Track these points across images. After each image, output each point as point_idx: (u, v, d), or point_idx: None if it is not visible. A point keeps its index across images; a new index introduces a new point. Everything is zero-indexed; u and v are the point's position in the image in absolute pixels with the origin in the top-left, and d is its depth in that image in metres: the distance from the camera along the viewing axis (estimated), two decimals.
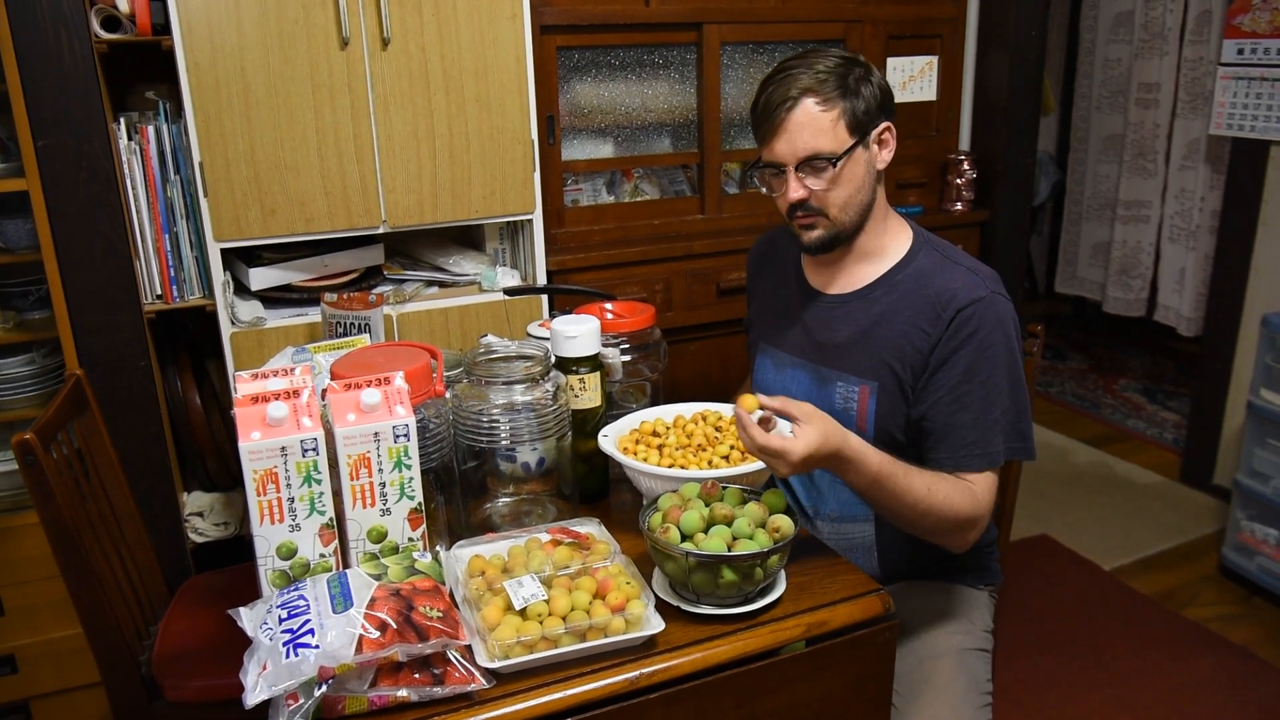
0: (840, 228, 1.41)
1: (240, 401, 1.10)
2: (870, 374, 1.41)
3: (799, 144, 1.35)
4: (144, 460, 2.01)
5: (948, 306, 1.35)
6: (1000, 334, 1.34)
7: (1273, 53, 2.77)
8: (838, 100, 1.35)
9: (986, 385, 1.33)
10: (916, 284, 1.41)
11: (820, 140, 1.35)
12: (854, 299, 1.46)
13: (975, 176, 2.91)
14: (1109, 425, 3.76)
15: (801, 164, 1.36)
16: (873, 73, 1.39)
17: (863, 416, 1.42)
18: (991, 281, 1.38)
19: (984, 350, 1.33)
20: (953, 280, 1.38)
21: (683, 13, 2.47)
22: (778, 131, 1.36)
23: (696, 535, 1.16)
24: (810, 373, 1.50)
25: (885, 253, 1.46)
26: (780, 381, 1.55)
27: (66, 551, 1.37)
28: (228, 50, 1.82)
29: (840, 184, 1.37)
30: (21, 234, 1.95)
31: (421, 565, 1.10)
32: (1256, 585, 2.58)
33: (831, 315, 1.48)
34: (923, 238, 1.47)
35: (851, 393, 1.43)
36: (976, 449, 1.33)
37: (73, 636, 1.99)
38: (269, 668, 0.96)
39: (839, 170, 1.36)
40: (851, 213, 1.40)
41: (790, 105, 1.35)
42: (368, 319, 1.79)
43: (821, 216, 1.40)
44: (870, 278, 1.45)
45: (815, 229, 1.41)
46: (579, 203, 2.57)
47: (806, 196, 1.38)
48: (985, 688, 1.41)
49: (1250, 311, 2.88)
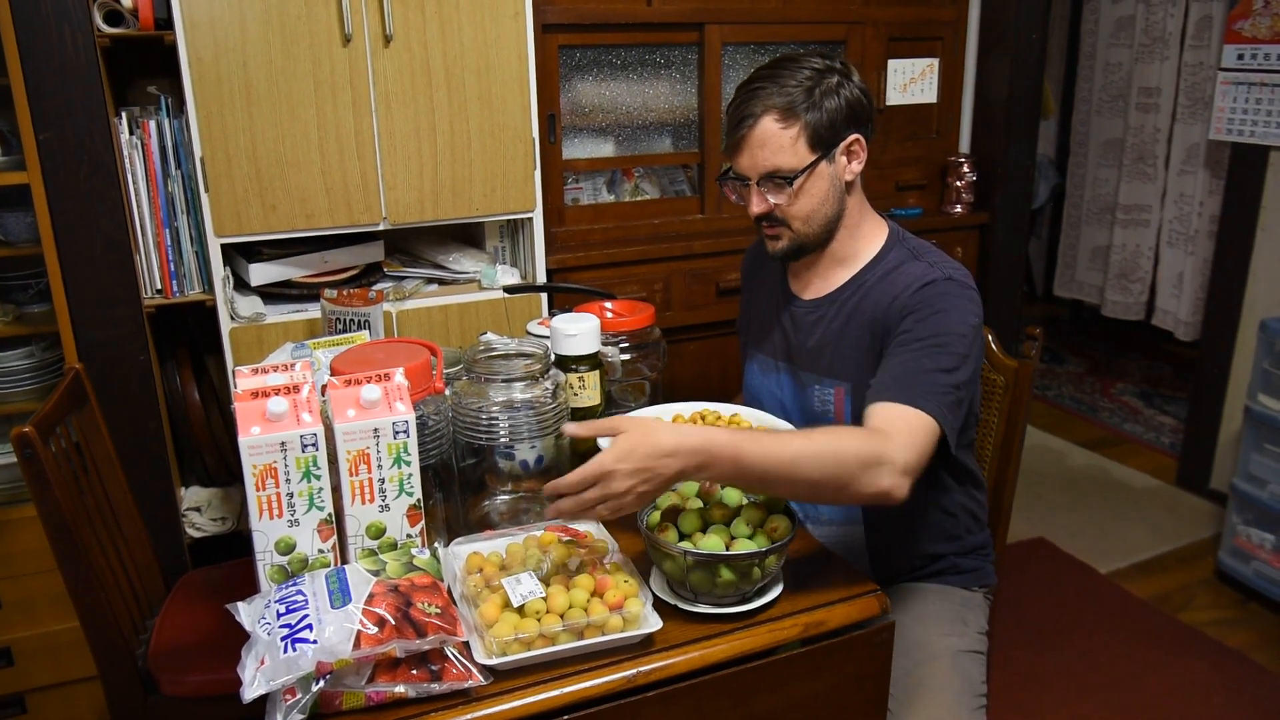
0: (804, 239, 1.43)
1: (240, 396, 1.10)
2: (843, 375, 1.43)
3: (759, 160, 1.37)
4: (142, 455, 2.01)
5: (907, 291, 1.35)
6: (944, 304, 1.31)
7: (1273, 58, 2.77)
8: (799, 116, 1.35)
9: (922, 344, 1.29)
10: (882, 281, 1.42)
11: (779, 158, 1.36)
12: (825, 303, 1.48)
13: (975, 179, 2.91)
14: (1106, 429, 3.77)
15: (762, 179, 1.38)
16: (845, 84, 1.38)
17: (840, 417, 1.44)
18: (949, 268, 1.37)
19: (925, 315, 1.31)
20: (916, 268, 1.38)
21: (684, 13, 2.48)
22: (740, 147, 1.39)
23: (694, 534, 1.16)
24: (791, 376, 1.53)
25: (858, 255, 1.47)
26: (766, 386, 1.57)
27: (64, 545, 1.37)
28: (230, 46, 1.82)
29: (801, 198, 1.39)
30: (22, 227, 1.95)
31: (420, 562, 1.11)
32: (1252, 590, 2.58)
33: (806, 320, 1.50)
34: (896, 237, 1.48)
35: (827, 395, 1.45)
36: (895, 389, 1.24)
37: (69, 630, 1.99)
38: (267, 662, 0.96)
39: (798, 186, 1.38)
40: (815, 225, 1.42)
41: (751, 123, 1.37)
42: (367, 315, 1.79)
43: (785, 228, 1.42)
44: (841, 281, 1.47)
45: (780, 240, 1.44)
46: (579, 201, 2.57)
47: (770, 209, 1.40)
48: (980, 690, 1.42)
49: (1248, 316, 2.88)
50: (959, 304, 1.32)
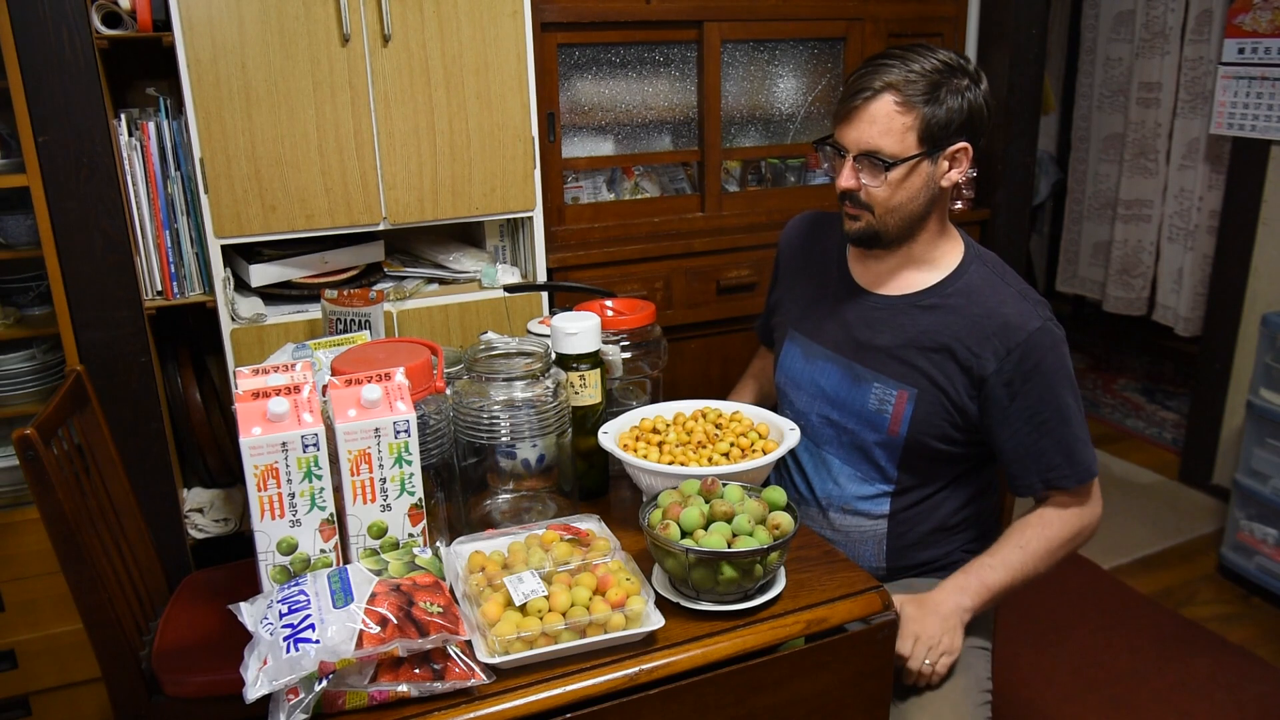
0: (882, 229, 1.40)
1: (241, 397, 1.10)
2: (910, 381, 1.42)
3: (863, 137, 1.35)
4: (144, 456, 2.01)
5: (1005, 336, 1.37)
6: (1061, 361, 1.37)
7: (1273, 52, 2.77)
8: (917, 106, 1.32)
9: (1060, 409, 1.37)
10: (966, 299, 1.41)
11: (884, 140, 1.34)
12: (902, 304, 1.45)
13: (975, 175, 2.91)
14: (1108, 424, 3.77)
15: (860, 156, 1.36)
16: (972, 89, 1.35)
17: (897, 420, 1.43)
18: (1041, 308, 1.40)
19: (1049, 379, 1.36)
20: (1005, 305, 1.39)
21: (683, 11, 2.47)
22: (850, 117, 1.36)
23: (696, 532, 1.16)
24: (844, 369, 1.49)
25: (938, 263, 1.45)
26: (809, 372, 1.54)
27: (67, 547, 1.37)
28: (228, 46, 1.82)
29: (892, 188, 1.36)
30: (22, 230, 1.95)
31: (422, 561, 1.11)
32: (1255, 585, 2.58)
33: (876, 316, 1.47)
34: (974, 251, 1.47)
35: (889, 395, 1.43)
36: (1066, 469, 1.39)
37: (73, 632, 1.99)
38: (269, 662, 0.96)
39: (893, 175, 1.35)
40: (897, 219, 1.39)
41: (869, 96, 1.33)
42: (368, 315, 1.79)
43: (867, 212, 1.39)
44: (920, 285, 1.45)
45: (858, 221, 1.41)
46: (579, 200, 2.57)
47: (856, 189, 1.38)
48: (985, 685, 1.42)
49: (1250, 311, 2.88)
50: (1065, 346, 1.39)
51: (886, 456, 1.46)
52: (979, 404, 1.40)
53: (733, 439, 1.41)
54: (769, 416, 1.47)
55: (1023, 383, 1.36)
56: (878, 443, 1.46)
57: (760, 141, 2.75)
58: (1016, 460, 1.41)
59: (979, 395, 1.40)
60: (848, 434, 1.49)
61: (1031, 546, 1.39)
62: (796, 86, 2.75)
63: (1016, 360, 1.36)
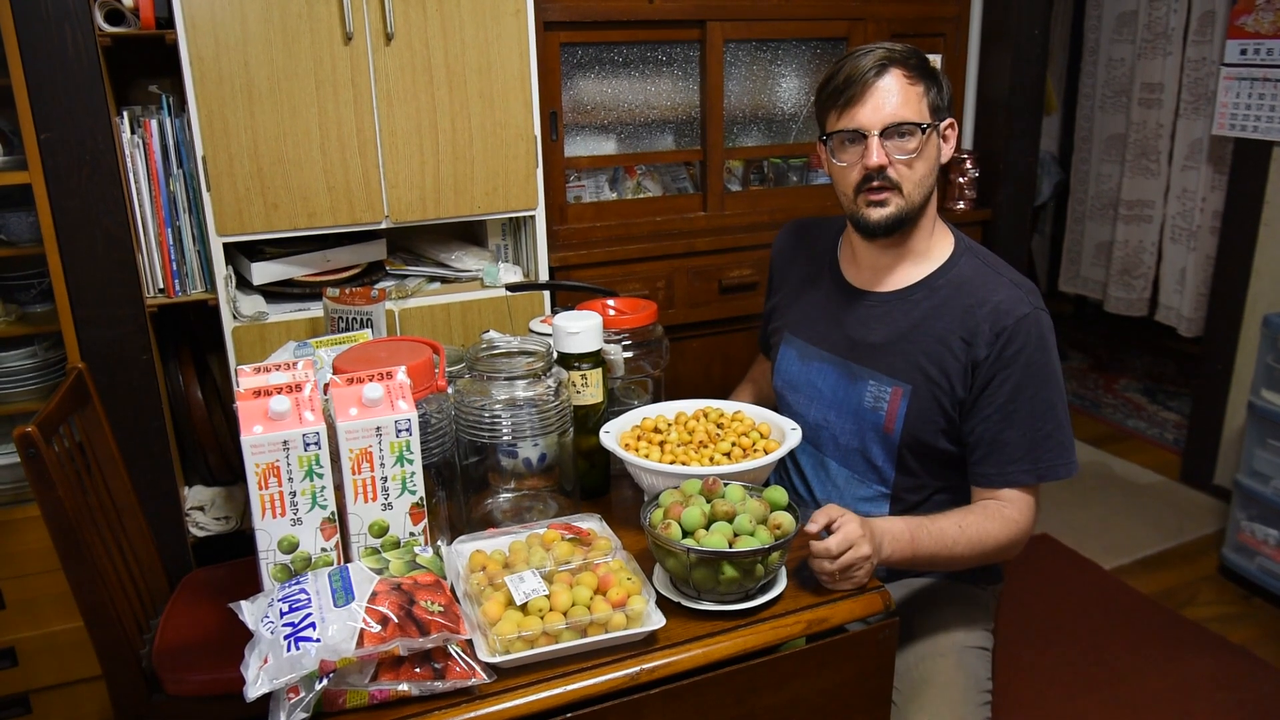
0: (911, 207, 1.39)
1: (242, 395, 1.10)
2: (904, 376, 1.42)
3: (886, 110, 1.34)
4: (145, 454, 2.01)
5: (993, 322, 1.36)
6: (1045, 351, 1.36)
7: (1276, 53, 2.76)
8: (922, 79, 1.36)
9: (1034, 402, 1.35)
10: (957, 290, 1.41)
11: (906, 110, 1.34)
12: (894, 300, 1.45)
13: (977, 175, 2.90)
14: (1109, 425, 3.76)
15: (886, 130, 1.35)
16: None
17: (892, 417, 1.42)
18: (1033, 296, 1.39)
19: (1031, 368, 1.35)
20: (995, 293, 1.38)
21: (686, 10, 2.47)
22: (863, 97, 1.35)
23: (698, 531, 1.16)
24: (839, 368, 1.49)
25: (928, 255, 1.45)
26: (805, 374, 1.54)
27: (68, 545, 1.37)
28: (231, 44, 1.82)
29: (921, 158, 1.37)
30: (24, 227, 1.95)
31: (423, 560, 1.11)
32: (1256, 585, 2.58)
33: (869, 314, 1.47)
34: (964, 244, 1.47)
35: (883, 393, 1.43)
36: (1025, 464, 1.37)
37: (73, 630, 1.99)
38: (270, 661, 0.96)
39: (922, 142, 1.36)
40: (922, 193, 1.39)
41: (879, 71, 1.34)
42: (370, 314, 1.79)
43: (896, 192, 1.37)
44: (912, 279, 1.45)
45: (887, 205, 1.38)
46: (581, 199, 2.57)
47: (887, 163, 1.36)
48: (985, 686, 1.42)
49: (1251, 312, 2.87)
50: (1052, 336, 1.37)
51: (884, 457, 1.46)
52: (971, 393, 1.39)
53: (734, 439, 1.41)
54: (770, 416, 1.47)
55: (1003, 368, 1.35)
56: (874, 442, 1.46)
57: (762, 141, 2.75)
58: (978, 447, 1.39)
59: (972, 384, 1.38)
60: (845, 435, 1.49)
61: (969, 533, 1.33)
62: (799, 86, 2.75)
63: (1002, 345, 1.35)
